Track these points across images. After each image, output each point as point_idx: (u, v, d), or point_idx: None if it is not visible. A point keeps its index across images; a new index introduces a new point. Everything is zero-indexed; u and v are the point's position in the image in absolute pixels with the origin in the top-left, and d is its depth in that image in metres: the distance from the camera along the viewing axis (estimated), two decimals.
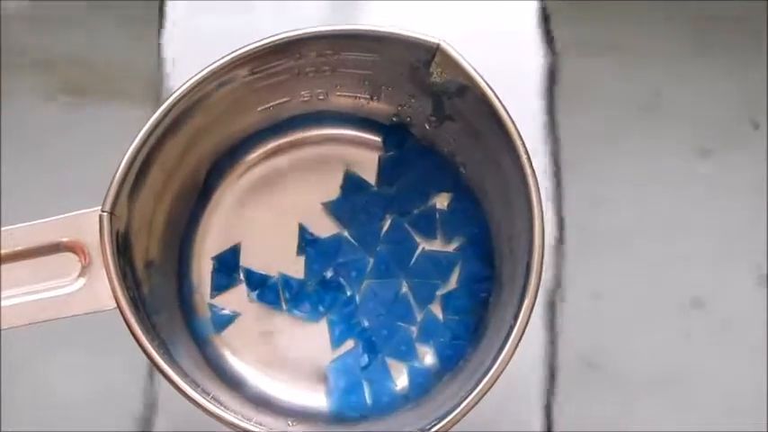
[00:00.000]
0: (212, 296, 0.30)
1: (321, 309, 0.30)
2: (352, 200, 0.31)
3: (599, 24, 0.35)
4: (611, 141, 0.34)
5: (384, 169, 0.31)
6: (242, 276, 0.30)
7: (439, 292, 0.30)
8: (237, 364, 0.30)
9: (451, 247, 0.30)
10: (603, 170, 0.34)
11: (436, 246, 0.30)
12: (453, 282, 0.30)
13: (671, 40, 0.35)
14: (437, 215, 0.30)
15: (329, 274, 0.30)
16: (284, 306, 0.30)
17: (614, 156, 0.34)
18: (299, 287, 0.30)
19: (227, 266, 0.30)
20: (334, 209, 0.31)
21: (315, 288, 0.30)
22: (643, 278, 0.33)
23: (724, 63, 0.35)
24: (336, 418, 0.29)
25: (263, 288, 0.30)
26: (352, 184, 0.31)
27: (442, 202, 0.31)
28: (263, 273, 0.30)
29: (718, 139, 0.34)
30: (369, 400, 0.29)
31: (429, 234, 0.30)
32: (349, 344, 0.30)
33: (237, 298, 0.30)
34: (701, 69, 0.35)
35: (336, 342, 0.30)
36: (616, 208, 0.34)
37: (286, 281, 0.30)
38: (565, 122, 0.34)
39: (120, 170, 0.24)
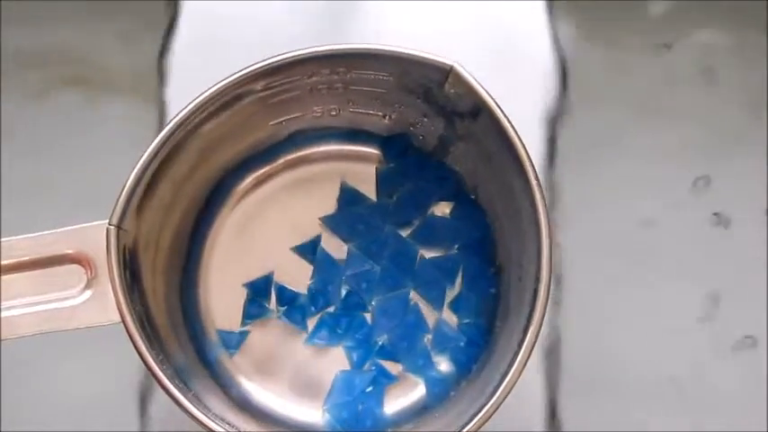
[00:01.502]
0: (243, 324, 0.30)
1: (339, 331, 0.30)
2: (349, 212, 0.30)
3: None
4: (613, 145, 0.34)
5: (382, 181, 0.31)
6: (273, 303, 0.30)
7: (448, 298, 0.30)
8: (244, 382, 0.30)
9: (452, 252, 0.30)
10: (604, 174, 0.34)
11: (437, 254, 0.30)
12: (458, 285, 0.30)
13: None
14: (437, 224, 0.30)
15: (343, 290, 0.30)
16: (309, 327, 0.30)
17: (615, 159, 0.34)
18: (325, 302, 0.30)
19: (259, 294, 0.30)
20: (331, 223, 0.30)
21: (335, 311, 0.30)
22: (645, 282, 0.33)
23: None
24: None
25: (291, 307, 0.30)
26: (347, 196, 0.31)
27: (442, 210, 0.30)
28: (295, 290, 0.30)
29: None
30: (356, 420, 0.29)
31: (429, 243, 0.30)
32: (367, 366, 0.30)
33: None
34: None
35: (357, 366, 0.30)
36: (618, 211, 0.34)
37: (313, 295, 0.30)
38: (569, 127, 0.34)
39: (128, 184, 0.24)
